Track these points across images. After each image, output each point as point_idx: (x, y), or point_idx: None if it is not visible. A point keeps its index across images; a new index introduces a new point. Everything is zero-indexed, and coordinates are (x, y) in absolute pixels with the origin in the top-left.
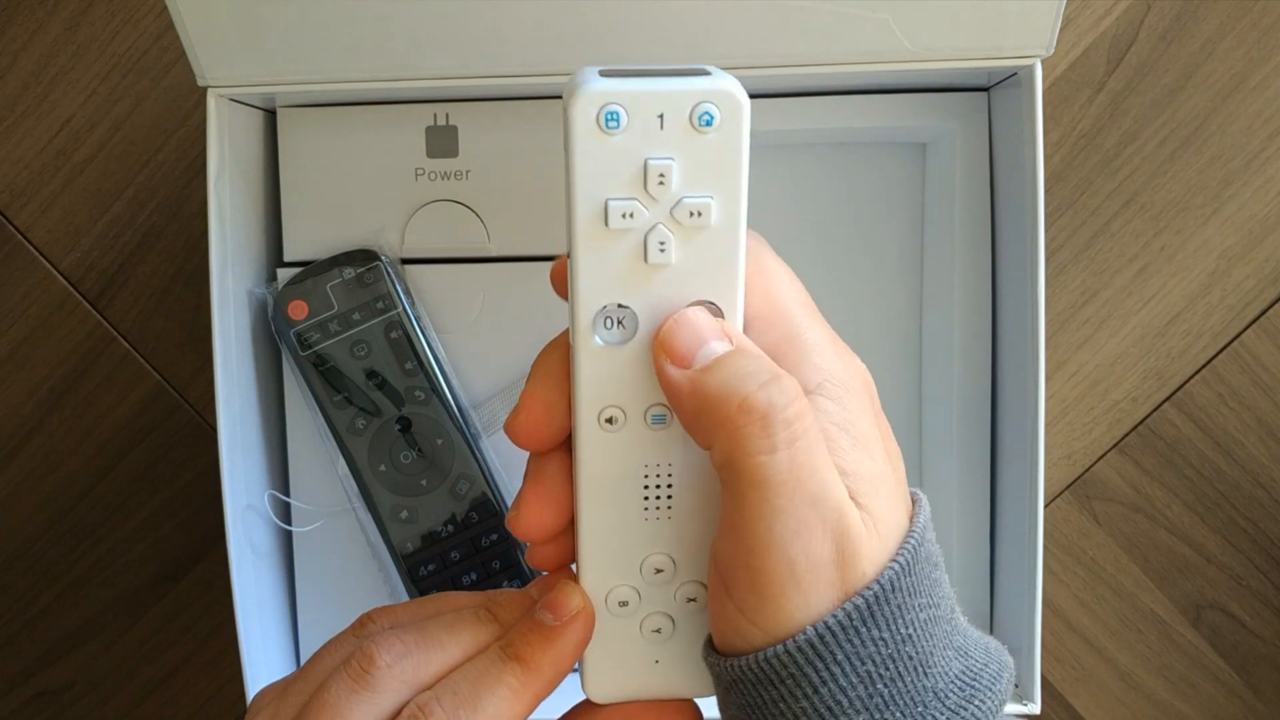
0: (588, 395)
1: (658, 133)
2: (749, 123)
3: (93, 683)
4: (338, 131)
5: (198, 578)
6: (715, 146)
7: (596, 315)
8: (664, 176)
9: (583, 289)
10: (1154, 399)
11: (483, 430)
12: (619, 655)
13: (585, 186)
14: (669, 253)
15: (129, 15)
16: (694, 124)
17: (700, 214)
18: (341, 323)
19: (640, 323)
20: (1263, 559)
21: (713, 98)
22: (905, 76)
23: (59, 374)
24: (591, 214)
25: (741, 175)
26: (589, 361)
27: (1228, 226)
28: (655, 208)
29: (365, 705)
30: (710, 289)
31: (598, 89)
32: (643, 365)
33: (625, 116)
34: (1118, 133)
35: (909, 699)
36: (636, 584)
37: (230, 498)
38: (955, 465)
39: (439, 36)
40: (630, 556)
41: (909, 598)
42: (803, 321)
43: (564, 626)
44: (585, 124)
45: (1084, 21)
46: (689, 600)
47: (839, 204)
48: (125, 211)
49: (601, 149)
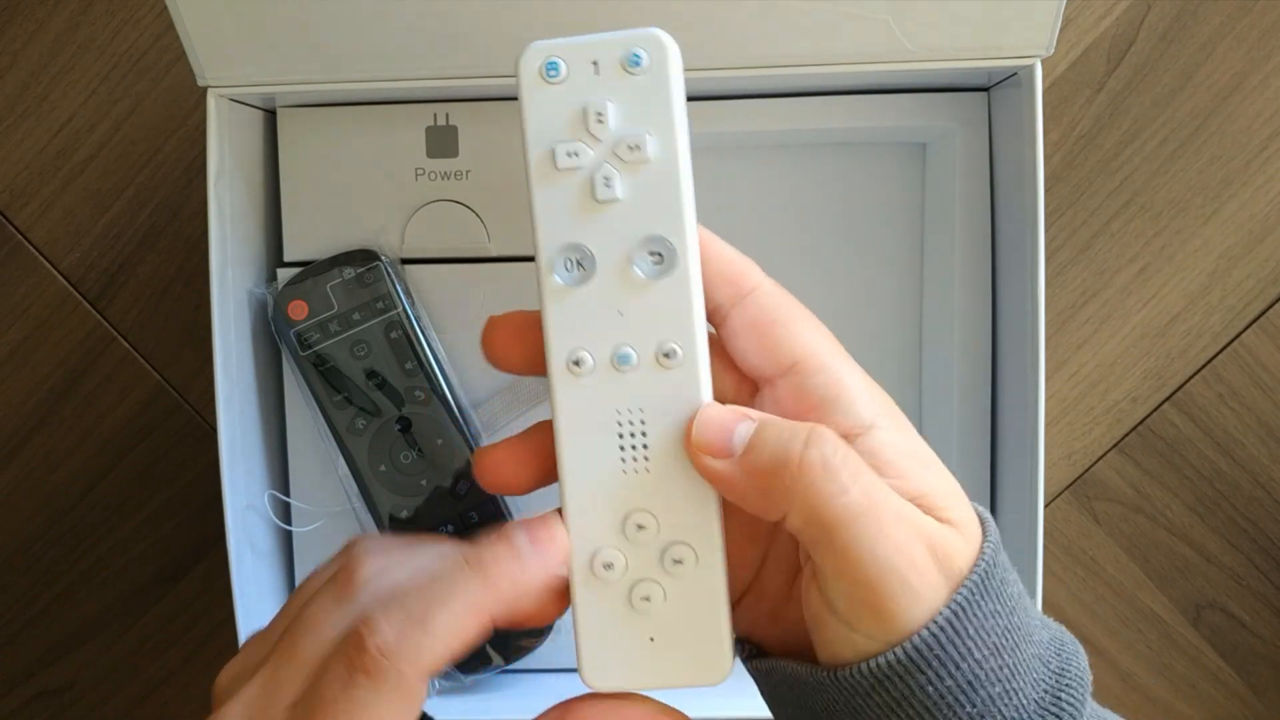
0: (554, 338)
1: (594, 78)
2: (679, 62)
3: (93, 683)
4: (338, 131)
5: (198, 578)
6: (646, 86)
7: (556, 255)
8: (601, 115)
9: (541, 229)
10: (1154, 399)
11: (483, 430)
12: (611, 632)
13: (535, 134)
14: (614, 187)
15: (129, 15)
16: (625, 67)
17: (638, 148)
18: (341, 323)
19: (598, 263)
20: (1263, 559)
21: (639, 42)
22: (905, 76)
23: (59, 374)
24: (542, 158)
25: (674, 110)
26: (552, 302)
27: (1228, 226)
28: (598, 147)
29: (346, 618)
30: (659, 223)
31: (539, 45)
32: (605, 305)
33: (564, 66)
34: (1118, 133)
35: (1025, 666)
36: (620, 545)
37: (230, 498)
38: (955, 465)
39: (439, 36)
40: (612, 513)
41: (1006, 573)
42: (840, 364)
43: (535, 545)
44: (530, 76)
45: (1084, 21)
46: (675, 562)
47: (839, 204)
48: (125, 211)
49: (545, 97)
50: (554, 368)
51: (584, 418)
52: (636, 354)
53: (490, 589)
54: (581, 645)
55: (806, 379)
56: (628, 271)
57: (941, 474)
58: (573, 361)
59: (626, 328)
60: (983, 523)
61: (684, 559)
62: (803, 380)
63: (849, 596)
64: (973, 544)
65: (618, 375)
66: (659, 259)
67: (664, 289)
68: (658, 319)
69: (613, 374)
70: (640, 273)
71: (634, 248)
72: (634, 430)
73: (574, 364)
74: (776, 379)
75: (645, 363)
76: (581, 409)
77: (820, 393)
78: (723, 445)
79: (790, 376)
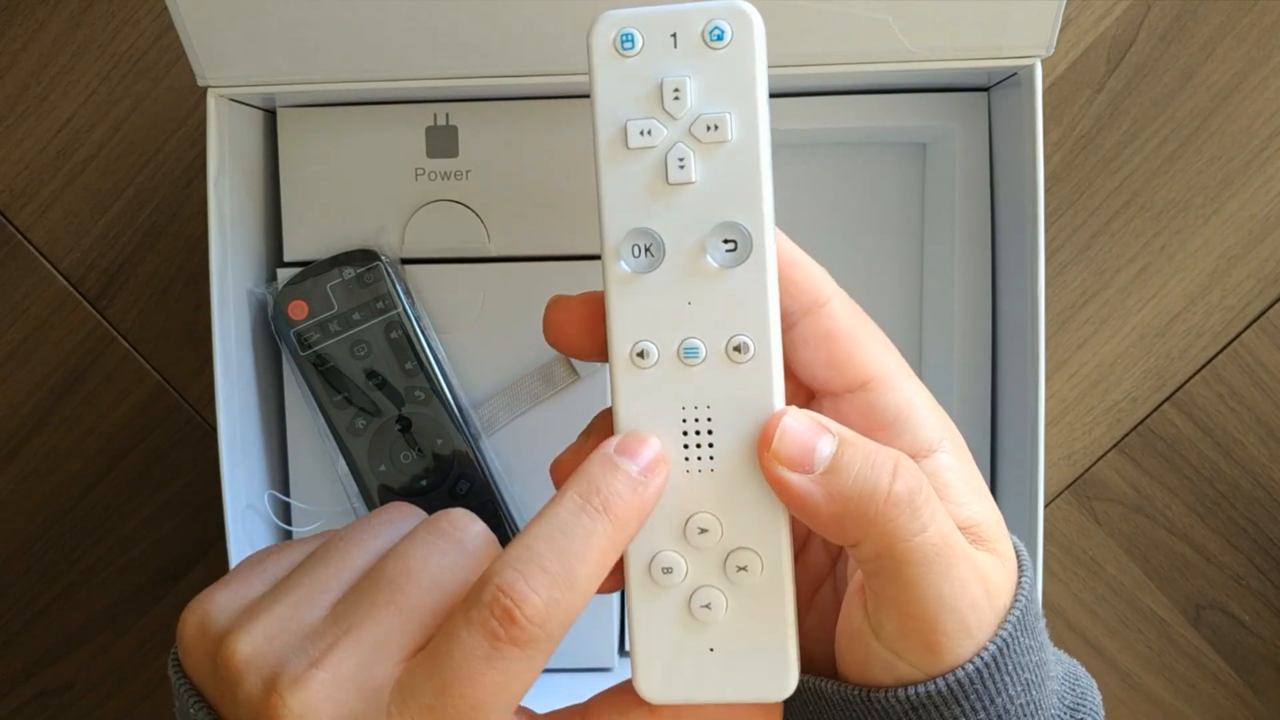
0: (619, 327)
1: (672, 51)
2: (763, 38)
3: (93, 683)
4: (338, 131)
5: (198, 578)
6: (729, 62)
7: (623, 240)
8: (679, 92)
9: (608, 212)
10: (1154, 399)
11: (483, 430)
12: (669, 642)
13: (606, 109)
14: (689, 169)
15: (129, 15)
16: (706, 41)
17: (717, 127)
18: (341, 323)
19: (668, 250)
20: (1263, 559)
21: (723, 14)
22: (905, 76)
23: (59, 374)
24: (612, 135)
25: (757, 89)
26: (618, 290)
27: (1228, 226)
28: (673, 125)
29: (459, 570)
30: (735, 209)
31: (615, 15)
32: (673, 294)
33: (640, 38)
34: (1118, 133)
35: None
36: (680, 549)
37: (230, 498)
38: None
39: (439, 36)
40: (673, 515)
41: (1038, 608)
42: (910, 382)
43: (642, 466)
44: (603, 48)
45: (1084, 21)
46: (739, 570)
47: (839, 204)
48: (125, 211)
49: (619, 71)
50: (616, 359)
51: (647, 413)
52: (705, 347)
53: (621, 529)
54: (637, 655)
55: (877, 398)
56: (699, 259)
57: (991, 504)
58: (636, 353)
59: (695, 319)
60: (1018, 554)
61: (749, 566)
62: (874, 399)
63: (902, 628)
64: (1012, 576)
65: (684, 369)
66: (733, 246)
67: (737, 279)
68: (729, 310)
69: (679, 367)
70: (713, 261)
71: (707, 234)
72: (700, 429)
73: (638, 355)
74: (843, 394)
75: (714, 356)
76: (645, 404)
77: (891, 413)
78: (804, 459)
79: (860, 394)
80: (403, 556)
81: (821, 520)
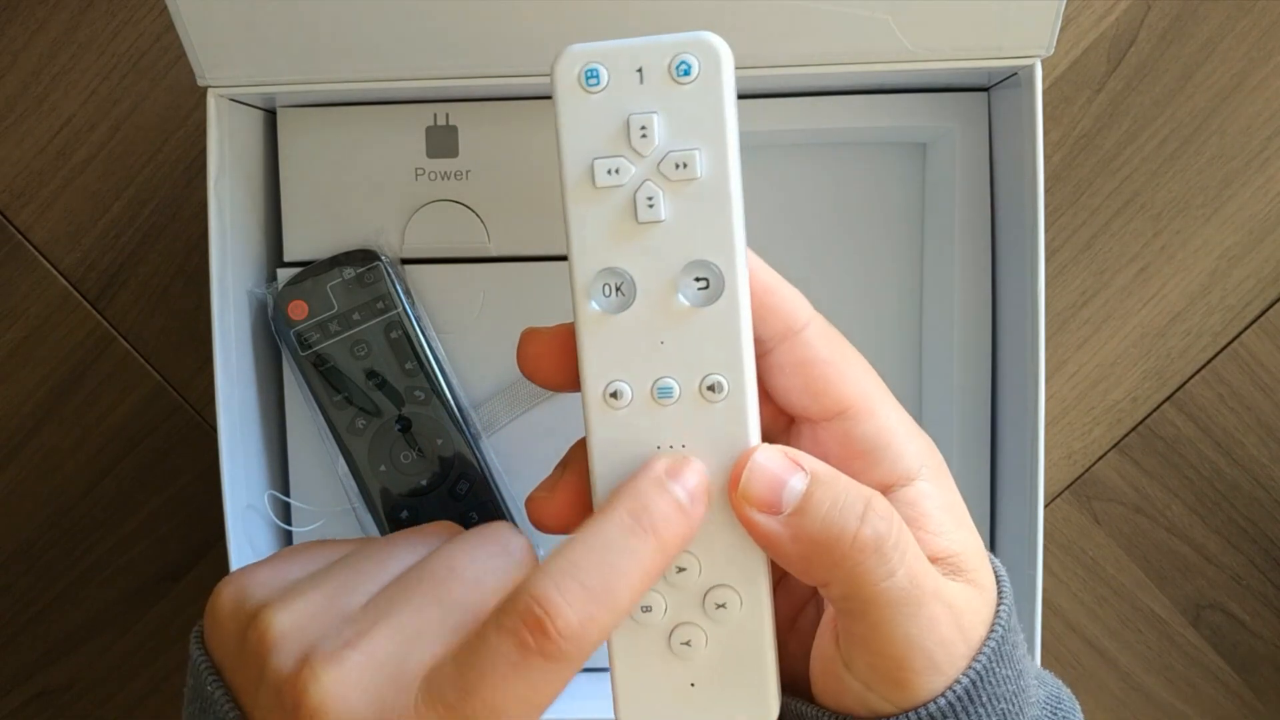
0: (591, 367)
1: (638, 87)
2: (731, 71)
3: (93, 683)
4: (338, 131)
5: (198, 578)
6: (697, 96)
7: (594, 280)
8: (645, 129)
9: (577, 252)
10: (1154, 399)
11: (483, 430)
12: (650, 677)
13: (572, 147)
14: (658, 208)
15: (129, 15)
16: (673, 76)
17: (686, 165)
18: (341, 323)
19: (639, 289)
20: (1263, 559)
21: (689, 48)
22: (905, 76)
23: (59, 374)
24: (579, 174)
25: (726, 124)
26: (589, 330)
27: (1228, 226)
28: (641, 163)
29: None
30: (706, 247)
31: (578, 50)
32: (645, 334)
33: (605, 73)
34: (1118, 133)
35: None
36: (659, 587)
37: (230, 498)
38: (955, 465)
39: (439, 36)
40: None
41: (1017, 635)
42: (889, 408)
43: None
44: (567, 84)
45: (1084, 21)
46: (718, 607)
47: (839, 204)
48: (125, 211)
49: (584, 107)
50: (590, 399)
51: (622, 453)
52: (679, 386)
53: (664, 553)
54: (619, 691)
55: (855, 426)
56: (671, 299)
57: (971, 531)
58: (610, 394)
59: (668, 358)
60: (998, 581)
61: (728, 603)
62: (851, 427)
63: (871, 665)
64: (990, 605)
65: (658, 409)
66: (705, 285)
67: (710, 318)
68: (702, 350)
69: (653, 407)
70: (685, 300)
71: (678, 273)
72: None
73: (611, 396)
74: (821, 421)
75: (688, 396)
76: (619, 444)
77: (870, 441)
78: (773, 499)
79: (838, 421)
80: (448, 555)
81: (790, 561)
